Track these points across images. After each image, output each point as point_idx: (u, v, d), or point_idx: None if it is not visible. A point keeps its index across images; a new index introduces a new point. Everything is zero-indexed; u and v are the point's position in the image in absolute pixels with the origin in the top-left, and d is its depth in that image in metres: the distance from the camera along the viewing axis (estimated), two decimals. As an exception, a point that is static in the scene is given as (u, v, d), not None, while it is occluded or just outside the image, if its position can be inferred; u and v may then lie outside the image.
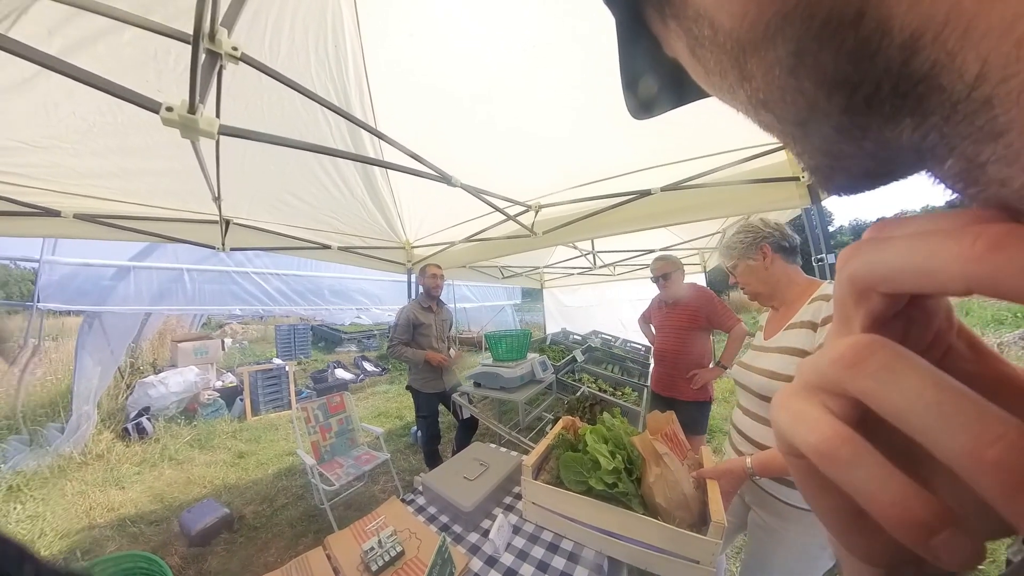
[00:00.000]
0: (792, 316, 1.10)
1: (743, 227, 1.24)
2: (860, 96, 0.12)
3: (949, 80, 0.10)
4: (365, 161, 1.58)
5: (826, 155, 0.16)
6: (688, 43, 0.17)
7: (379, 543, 1.09)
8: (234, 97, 1.36)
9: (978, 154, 0.11)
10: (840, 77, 0.12)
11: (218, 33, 0.73)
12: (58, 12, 0.97)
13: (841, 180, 0.16)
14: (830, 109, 0.13)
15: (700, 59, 0.17)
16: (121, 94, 0.75)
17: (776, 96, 0.15)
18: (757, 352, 1.19)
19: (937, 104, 0.11)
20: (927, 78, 0.11)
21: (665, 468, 1.05)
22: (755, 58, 0.14)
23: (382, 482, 3.04)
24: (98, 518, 2.70)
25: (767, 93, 0.15)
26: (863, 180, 0.16)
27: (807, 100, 0.14)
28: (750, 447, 1.14)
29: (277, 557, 2.24)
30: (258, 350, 8.83)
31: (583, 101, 1.53)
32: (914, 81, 0.11)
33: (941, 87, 0.10)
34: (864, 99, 0.12)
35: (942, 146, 0.12)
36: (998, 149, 0.10)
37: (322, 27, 1.33)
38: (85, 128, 1.36)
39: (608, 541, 1.07)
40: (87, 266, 3.47)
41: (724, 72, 0.16)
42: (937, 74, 0.10)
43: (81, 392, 3.63)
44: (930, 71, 0.10)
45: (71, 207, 1.69)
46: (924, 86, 0.11)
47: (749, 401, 1.18)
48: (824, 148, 0.15)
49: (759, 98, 0.15)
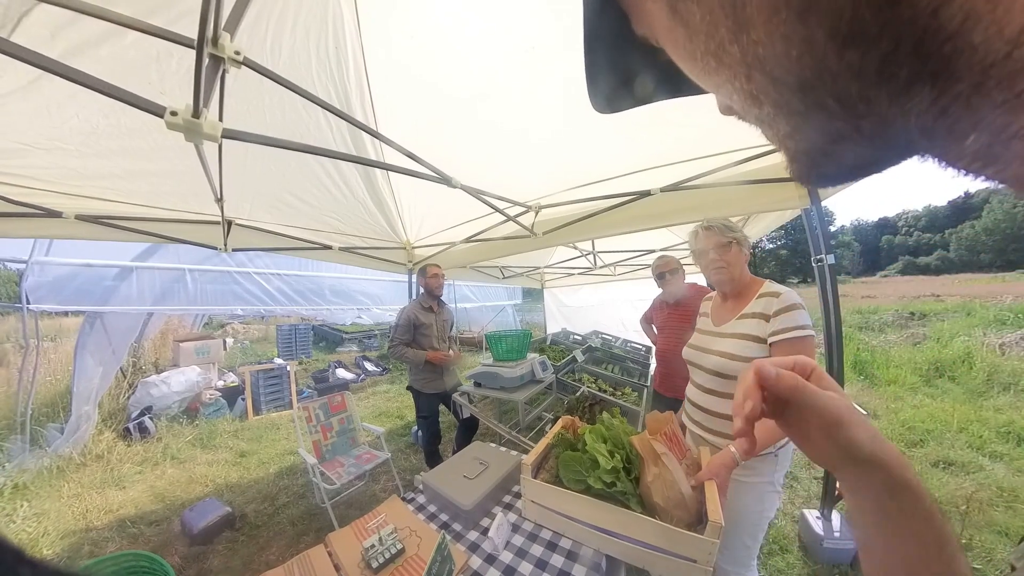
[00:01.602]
0: (743, 307, 1.27)
1: (727, 220, 1.37)
2: (876, 54, 0.11)
3: (985, 35, 0.09)
4: (366, 163, 1.59)
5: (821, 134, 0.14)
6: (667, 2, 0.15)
7: (380, 541, 1.10)
8: (236, 100, 1.37)
9: (1007, 126, 0.10)
10: (857, 27, 0.10)
11: (221, 38, 0.74)
12: (61, 15, 0.98)
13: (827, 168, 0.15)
14: (839, 69, 0.12)
15: (683, 16, 0.15)
16: (126, 99, 0.76)
17: (779, 50, 0.13)
18: (711, 336, 1.35)
19: (966, 68, 0.09)
20: (957, 34, 0.09)
21: (663, 468, 1.06)
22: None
23: (383, 481, 3.05)
24: (95, 520, 2.68)
25: (767, 47, 0.13)
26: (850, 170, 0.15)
27: (814, 56, 0.12)
28: (703, 415, 1.33)
29: (279, 555, 2.25)
30: (259, 350, 8.86)
31: (582, 102, 1.53)
32: (942, 38, 0.09)
33: (973, 46, 0.09)
34: (880, 59, 0.11)
35: (966, 119, 0.10)
36: None
37: (323, 29, 1.34)
38: (89, 130, 1.37)
39: (606, 539, 1.08)
40: (88, 267, 3.48)
41: (714, 26, 0.14)
42: (970, 29, 0.09)
43: (81, 392, 3.63)
44: (962, 25, 0.09)
45: (73, 208, 1.71)
46: (952, 44, 0.09)
47: (703, 378, 1.33)
48: (820, 125, 0.14)
49: (756, 54, 0.13)
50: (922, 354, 6.38)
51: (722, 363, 1.25)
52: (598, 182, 2.13)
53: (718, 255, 1.31)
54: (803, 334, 1.10)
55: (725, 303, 1.37)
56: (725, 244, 1.30)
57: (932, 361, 5.93)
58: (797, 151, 0.16)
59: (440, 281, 2.85)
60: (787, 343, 1.10)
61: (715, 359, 1.27)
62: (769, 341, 1.15)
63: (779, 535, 2.25)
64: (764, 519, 1.26)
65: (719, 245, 1.31)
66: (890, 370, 5.80)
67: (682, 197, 1.95)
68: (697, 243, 1.38)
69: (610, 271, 5.23)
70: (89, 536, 2.50)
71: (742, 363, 1.19)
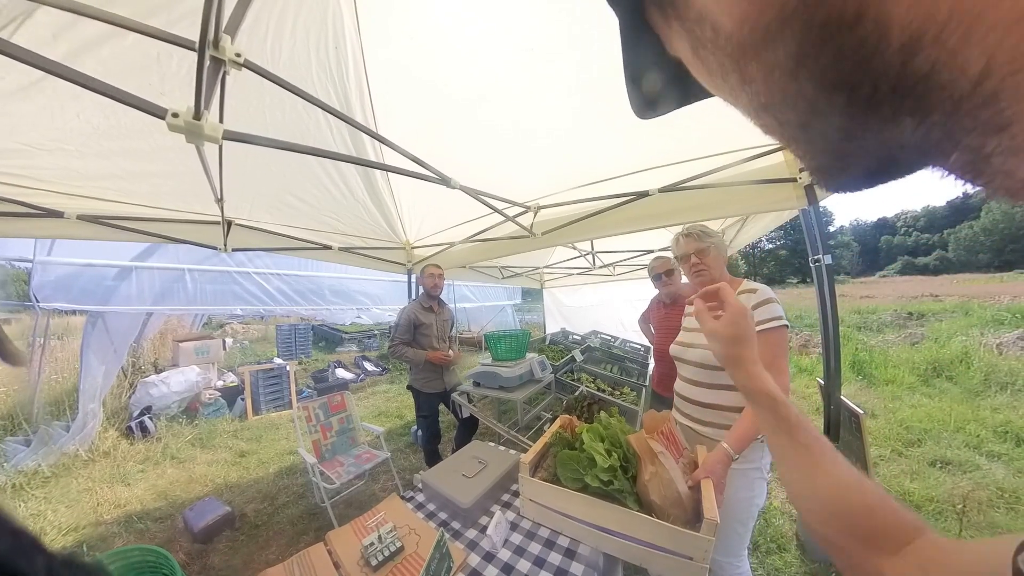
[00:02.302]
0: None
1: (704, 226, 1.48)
2: (860, 97, 0.12)
3: (951, 78, 0.10)
4: (365, 164, 1.60)
5: (829, 155, 0.16)
6: (691, 44, 0.18)
7: (379, 539, 1.11)
8: (236, 101, 1.38)
9: (983, 146, 0.11)
10: (839, 79, 0.12)
11: (222, 40, 0.75)
12: (62, 17, 0.99)
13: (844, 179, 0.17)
14: (831, 111, 0.13)
15: (703, 60, 0.17)
16: (127, 100, 0.76)
17: (777, 99, 0.15)
18: (696, 333, 1.45)
19: (938, 102, 0.11)
20: (927, 78, 0.11)
21: (660, 466, 1.07)
22: (756, 61, 0.14)
23: (382, 481, 3.06)
24: (105, 514, 2.74)
25: (768, 96, 0.15)
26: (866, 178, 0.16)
27: (808, 102, 0.14)
28: (693, 407, 1.42)
29: (278, 554, 2.26)
30: (259, 350, 8.85)
31: (581, 103, 1.55)
32: (913, 81, 0.11)
33: (942, 85, 0.11)
34: (864, 100, 0.12)
35: (946, 141, 0.12)
36: (1003, 141, 0.11)
37: (323, 30, 1.34)
38: (90, 131, 1.37)
39: (604, 537, 1.09)
40: (89, 266, 3.49)
41: (726, 74, 0.16)
42: (938, 73, 0.10)
43: (87, 390, 3.65)
44: (930, 71, 0.10)
45: (74, 208, 1.71)
46: (923, 86, 0.11)
47: (690, 372, 1.43)
48: (827, 148, 0.16)
49: (760, 101, 0.16)
50: (920, 354, 6.39)
51: (706, 355, 1.35)
52: (597, 182, 2.14)
53: (698, 259, 1.42)
54: (778, 324, 1.23)
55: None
56: (704, 249, 1.41)
57: (930, 361, 5.94)
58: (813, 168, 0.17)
59: (439, 281, 2.86)
60: (764, 332, 1.23)
61: (700, 352, 1.37)
62: None
63: (777, 534, 2.26)
64: (754, 506, 1.30)
65: (699, 250, 1.42)
66: (888, 370, 5.81)
67: (680, 197, 1.96)
68: (678, 249, 1.49)
69: (609, 271, 5.24)
70: (98, 531, 2.54)
71: None
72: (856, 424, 1.78)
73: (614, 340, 4.76)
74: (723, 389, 1.33)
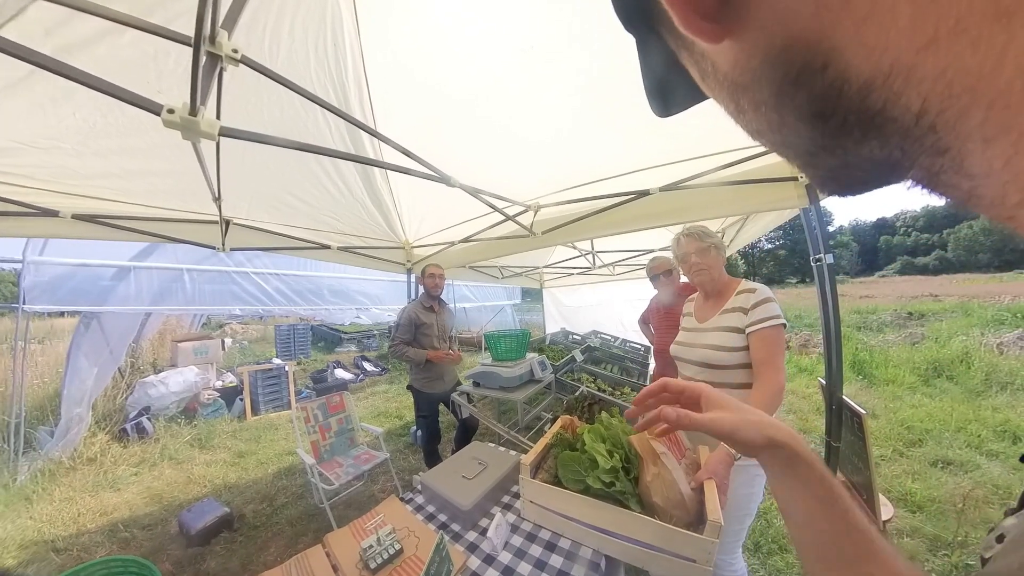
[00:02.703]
0: (724, 303, 1.39)
1: (704, 227, 1.50)
2: (832, 125, 0.15)
3: (899, 113, 0.13)
4: (364, 162, 1.58)
5: (816, 168, 0.19)
6: (698, 73, 0.21)
7: (378, 541, 1.10)
8: (234, 98, 1.36)
9: (932, 165, 0.14)
10: (814, 111, 0.15)
11: (218, 35, 0.74)
12: (57, 12, 0.97)
13: (834, 187, 0.19)
14: (811, 135, 0.16)
15: (707, 85, 0.21)
16: (123, 96, 0.75)
17: (764, 127, 0.18)
18: (696, 332, 1.46)
19: (893, 130, 0.13)
20: (881, 112, 0.13)
21: (663, 467, 1.06)
22: (746, 97, 0.18)
23: (381, 481, 3.05)
24: (88, 524, 2.64)
25: (757, 125, 0.19)
26: (854, 187, 0.19)
27: (791, 129, 0.17)
28: None
29: (277, 556, 2.25)
30: (258, 350, 8.84)
31: (581, 102, 1.53)
32: (871, 114, 0.13)
33: (894, 118, 0.13)
34: (835, 127, 0.15)
35: (905, 160, 0.14)
36: (945, 162, 0.13)
37: (321, 28, 1.33)
38: (87, 129, 1.36)
39: (605, 539, 1.08)
40: (85, 266, 3.45)
41: (724, 103, 0.20)
42: (889, 109, 0.13)
43: (72, 394, 3.55)
44: (883, 107, 0.13)
45: (70, 207, 1.70)
46: (880, 118, 0.13)
47: (692, 371, 1.44)
48: (813, 163, 0.18)
49: (753, 128, 0.19)
50: (920, 354, 6.39)
51: (708, 354, 1.36)
52: (597, 181, 2.13)
53: (699, 259, 1.43)
54: (776, 323, 1.24)
55: (707, 302, 1.50)
56: (704, 248, 1.43)
57: (930, 361, 5.94)
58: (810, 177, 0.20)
59: (440, 281, 2.85)
60: (763, 331, 1.24)
61: (702, 351, 1.39)
62: (747, 331, 1.27)
63: (778, 534, 2.25)
64: (753, 502, 1.31)
65: (699, 250, 1.43)
66: (888, 370, 5.81)
67: (681, 197, 1.95)
68: (679, 249, 1.50)
69: (609, 271, 5.23)
70: (79, 541, 2.45)
71: (726, 352, 1.31)
72: (858, 424, 1.76)
73: (614, 340, 4.75)
74: (725, 388, 1.32)
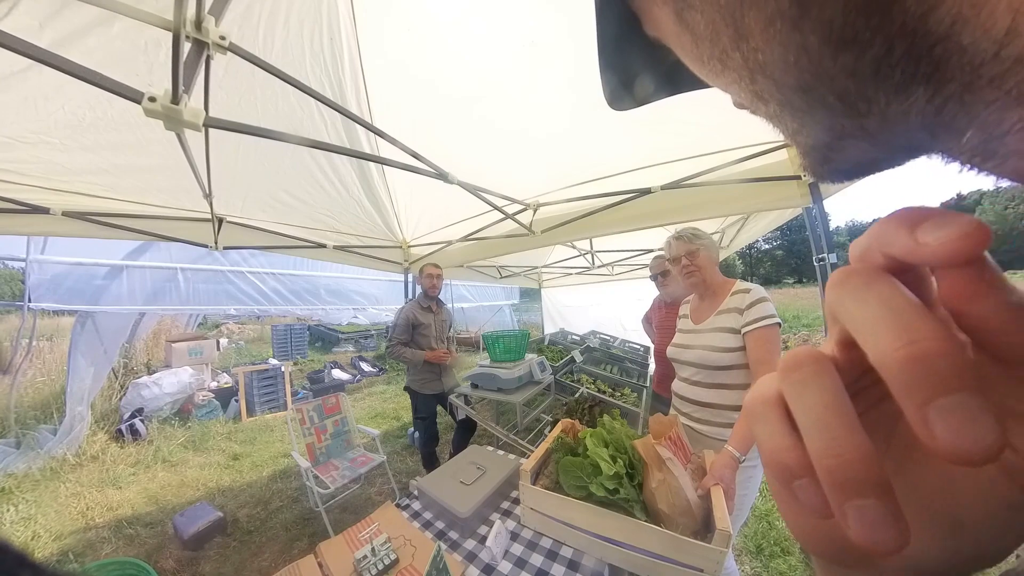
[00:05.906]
0: (719, 304, 1.39)
1: (695, 229, 1.50)
2: (869, 58, 0.11)
3: (972, 38, 0.09)
4: (361, 156, 1.55)
5: (827, 131, 0.15)
6: (675, 6, 0.16)
7: (372, 551, 1.06)
8: (227, 91, 1.33)
9: (1000, 122, 0.10)
10: (848, 33, 0.11)
11: (204, 21, 0.70)
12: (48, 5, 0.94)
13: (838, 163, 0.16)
14: (836, 72, 0.12)
15: (688, 24, 0.16)
16: (103, 84, 0.71)
17: (777, 55, 0.13)
18: (693, 334, 1.46)
19: (957, 68, 0.10)
20: (946, 37, 0.09)
21: (668, 474, 1.03)
22: (754, 10, 0.13)
23: (378, 484, 3.00)
24: (96, 518, 2.67)
25: (766, 53, 0.13)
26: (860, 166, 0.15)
27: (811, 60, 0.12)
28: (692, 407, 1.43)
29: (271, 561, 2.20)
30: (254, 350, 8.77)
31: (581, 98, 1.50)
32: (931, 41, 0.10)
33: (962, 47, 0.09)
34: (873, 62, 0.11)
35: (961, 116, 0.11)
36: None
37: (317, 21, 1.30)
38: (75, 123, 1.32)
39: (609, 548, 1.05)
40: (79, 265, 3.41)
41: (716, 34, 0.15)
42: (959, 32, 0.09)
43: (75, 393, 3.57)
44: (951, 28, 0.09)
45: (60, 204, 1.66)
46: (942, 47, 0.10)
47: (689, 371, 1.45)
48: (825, 123, 0.14)
49: (757, 60, 0.14)
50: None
51: (704, 354, 1.37)
52: (598, 179, 2.10)
53: (689, 260, 1.44)
54: (772, 322, 1.24)
55: (702, 303, 1.50)
56: (694, 251, 1.44)
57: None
58: (807, 146, 0.16)
59: (438, 281, 2.82)
60: (759, 330, 1.24)
61: (698, 352, 1.40)
62: (743, 331, 1.28)
63: (781, 537, 2.22)
64: (747, 501, 1.33)
65: (689, 252, 1.44)
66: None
67: (682, 195, 1.92)
68: (670, 251, 1.52)
69: (608, 271, 5.20)
70: (86, 537, 2.47)
71: (723, 352, 1.32)
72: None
73: (613, 340, 4.72)
74: (722, 388, 1.34)
